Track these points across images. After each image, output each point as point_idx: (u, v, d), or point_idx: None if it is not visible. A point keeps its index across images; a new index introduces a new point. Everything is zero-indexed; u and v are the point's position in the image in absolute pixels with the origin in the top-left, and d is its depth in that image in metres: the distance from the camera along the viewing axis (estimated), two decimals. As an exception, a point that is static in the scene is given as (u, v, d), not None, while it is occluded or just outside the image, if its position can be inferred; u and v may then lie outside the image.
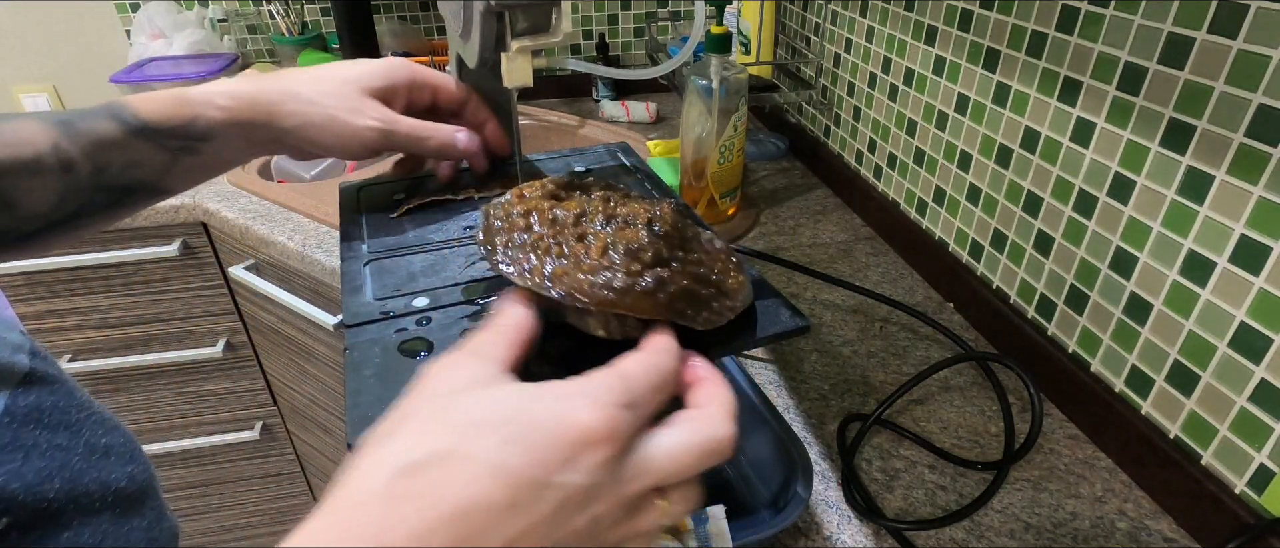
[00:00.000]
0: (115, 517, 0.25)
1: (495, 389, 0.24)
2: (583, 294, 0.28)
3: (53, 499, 0.23)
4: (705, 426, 0.25)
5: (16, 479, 0.22)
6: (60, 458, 0.24)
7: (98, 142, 0.41)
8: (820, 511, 0.52)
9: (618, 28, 1.43)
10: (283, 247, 0.89)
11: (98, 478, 0.25)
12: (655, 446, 0.24)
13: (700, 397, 0.27)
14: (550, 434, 0.22)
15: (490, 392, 0.24)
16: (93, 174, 0.41)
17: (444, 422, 0.23)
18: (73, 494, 0.24)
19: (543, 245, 0.31)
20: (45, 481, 0.23)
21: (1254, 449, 0.46)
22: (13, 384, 0.24)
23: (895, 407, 0.61)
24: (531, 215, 0.32)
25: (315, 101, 0.44)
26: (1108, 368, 0.58)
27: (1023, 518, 0.51)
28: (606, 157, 0.56)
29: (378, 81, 0.46)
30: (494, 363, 0.26)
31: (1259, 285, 0.45)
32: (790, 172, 1.08)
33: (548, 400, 0.23)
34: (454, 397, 0.24)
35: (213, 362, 1.16)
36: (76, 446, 0.25)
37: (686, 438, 0.25)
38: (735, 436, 0.25)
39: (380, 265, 0.41)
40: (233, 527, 1.40)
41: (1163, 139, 0.50)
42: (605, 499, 0.23)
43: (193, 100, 0.43)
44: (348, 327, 0.35)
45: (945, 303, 0.76)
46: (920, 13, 0.77)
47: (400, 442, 0.23)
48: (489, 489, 0.21)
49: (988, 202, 0.70)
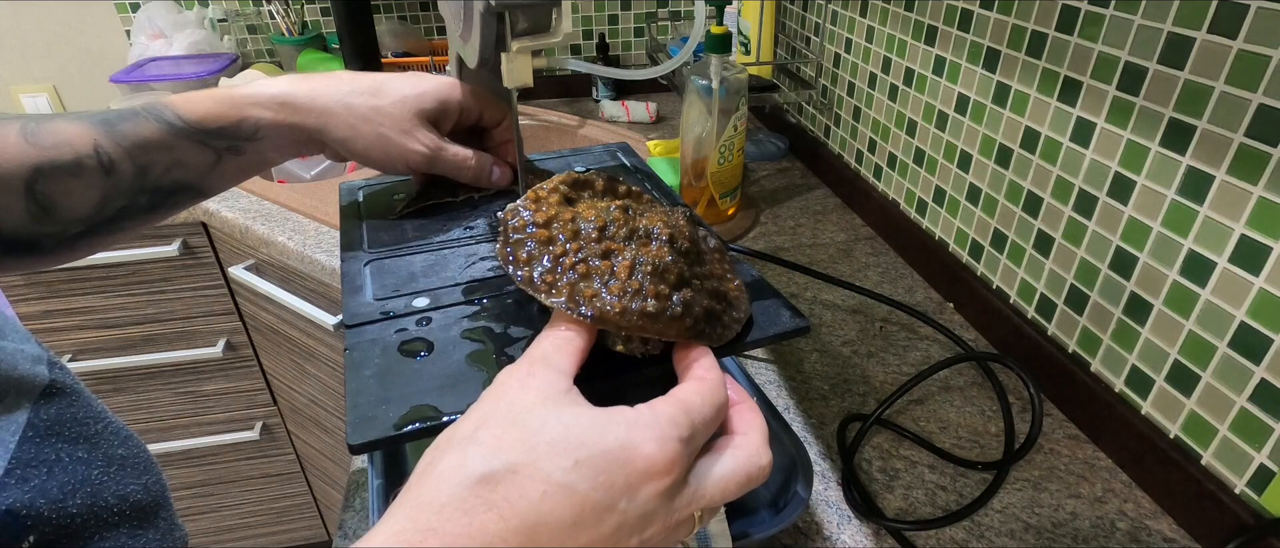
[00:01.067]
0: (132, 529, 0.25)
1: (569, 410, 0.25)
2: (617, 319, 0.29)
3: (76, 514, 0.23)
4: (749, 455, 0.27)
5: (42, 496, 0.22)
6: (81, 472, 0.24)
7: (140, 143, 0.41)
8: (820, 511, 0.52)
9: (618, 28, 1.43)
10: (283, 247, 0.89)
11: (116, 491, 0.25)
12: (706, 476, 0.26)
13: (740, 423, 0.29)
14: (617, 463, 0.24)
15: (563, 412, 0.25)
16: (135, 176, 0.41)
17: (520, 436, 0.24)
18: (93, 508, 0.24)
19: (568, 261, 0.31)
20: (68, 496, 0.23)
21: (1254, 449, 0.46)
22: (34, 397, 0.24)
23: (895, 407, 0.61)
24: (552, 225, 0.32)
25: (369, 119, 0.44)
26: (1108, 368, 0.58)
27: (1023, 518, 0.51)
28: (606, 157, 0.56)
29: (431, 104, 0.46)
30: (562, 375, 0.27)
31: (1259, 285, 0.45)
32: (790, 172, 1.08)
33: (617, 429, 0.25)
34: (530, 411, 0.25)
35: (213, 362, 1.16)
36: (96, 458, 0.25)
37: (733, 468, 0.27)
38: (772, 462, 0.28)
39: (380, 265, 0.41)
40: (233, 527, 1.40)
41: (1163, 139, 0.50)
42: (657, 524, 0.25)
43: (240, 101, 0.42)
44: (348, 327, 0.35)
45: (945, 303, 0.76)
46: (920, 13, 0.77)
47: (480, 449, 0.24)
48: (558, 507, 0.23)
49: (988, 202, 0.70)
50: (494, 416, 0.25)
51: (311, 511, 1.41)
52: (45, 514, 0.22)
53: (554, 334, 0.29)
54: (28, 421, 0.23)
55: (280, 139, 0.44)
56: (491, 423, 0.25)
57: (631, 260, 0.30)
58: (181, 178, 0.43)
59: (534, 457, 0.23)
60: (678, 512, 0.25)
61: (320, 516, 1.42)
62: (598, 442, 0.24)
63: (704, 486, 0.26)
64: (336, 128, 0.44)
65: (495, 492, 0.23)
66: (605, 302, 0.29)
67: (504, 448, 0.24)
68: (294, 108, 0.43)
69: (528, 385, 0.26)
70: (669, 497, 0.25)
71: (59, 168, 0.38)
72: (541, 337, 0.29)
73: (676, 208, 0.36)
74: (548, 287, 0.30)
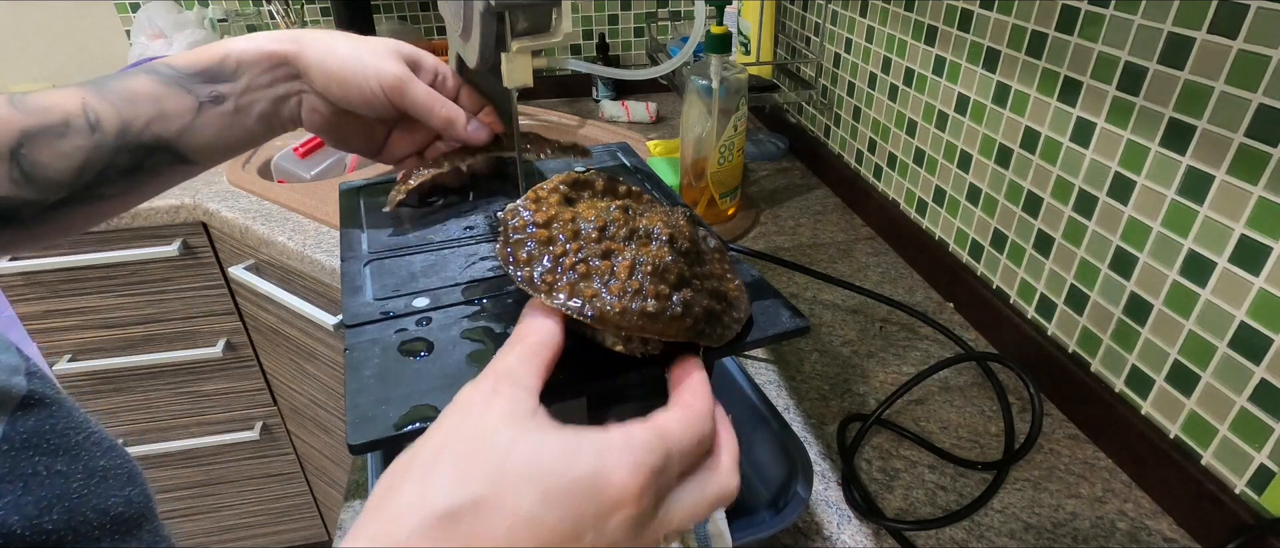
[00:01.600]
0: (114, 543, 0.24)
1: (535, 434, 0.24)
2: (617, 319, 0.29)
3: (52, 531, 0.22)
4: (719, 480, 0.27)
5: (16, 512, 0.21)
6: (60, 485, 0.23)
7: (128, 95, 0.41)
8: (820, 511, 0.52)
9: (618, 28, 1.43)
10: (283, 247, 0.89)
11: (97, 505, 0.24)
12: (676, 504, 0.25)
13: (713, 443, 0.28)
14: (586, 493, 0.23)
15: (530, 437, 0.24)
16: (118, 132, 0.41)
17: (485, 465, 0.23)
18: (72, 523, 0.23)
19: (568, 261, 0.31)
20: (44, 512, 0.22)
21: (1254, 449, 0.46)
22: (10, 408, 0.23)
23: (895, 407, 0.61)
24: (552, 225, 0.32)
25: (346, 40, 0.45)
26: (1108, 368, 0.58)
27: (1023, 518, 0.51)
28: (606, 157, 0.56)
29: (408, 51, 0.47)
30: (529, 393, 0.25)
31: (1259, 285, 0.45)
32: (790, 172, 1.08)
33: (587, 457, 0.23)
34: (495, 434, 0.24)
35: (213, 362, 1.16)
36: (76, 471, 0.24)
37: (702, 495, 0.26)
38: (739, 486, 0.27)
39: (380, 265, 0.41)
40: (233, 527, 1.40)
41: (1163, 139, 0.50)
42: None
43: (225, 42, 0.44)
44: (348, 327, 0.35)
45: (945, 303, 0.76)
46: (920, 13, 0.77)
47: (442, 481, 0.22)
48: (523, 541, 0.22)
49: (988, 202, 0.70)
50: (455, 440, 0.24)
51: (311, 511, 1.41)
52: (18, 531, 0.21)
53: (520, 346, 0.28)
54: (3, 434, 0.22)
55: (259, 74, 0.43)
56: (453, 449, 0.23)
57: (631, 260, 0.30)
58: (161, 132, 0.42)
59: (499, 489, 0.22)
60: (644, 539, 0.24)
61: (320, 516, 1.42)
62: (567, 471, 0.23)
63: (672, 513, 0.25)
64: (312, 47, 0.44)
65: (459, 526, 0.21)
66: (605, 302, 0.29)
67: (468, 479, 0.22)
68: (272, 37, 0.44)
69: (492, 405, 0.25)
70: (638, 526, 0.24)
71: (47, 131, 0.39)
72: (506, 348, 0.28)
73: (676, 208, 0.37)
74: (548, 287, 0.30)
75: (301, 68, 0.44)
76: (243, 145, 0.46)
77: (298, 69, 0.44)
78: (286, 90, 0.45)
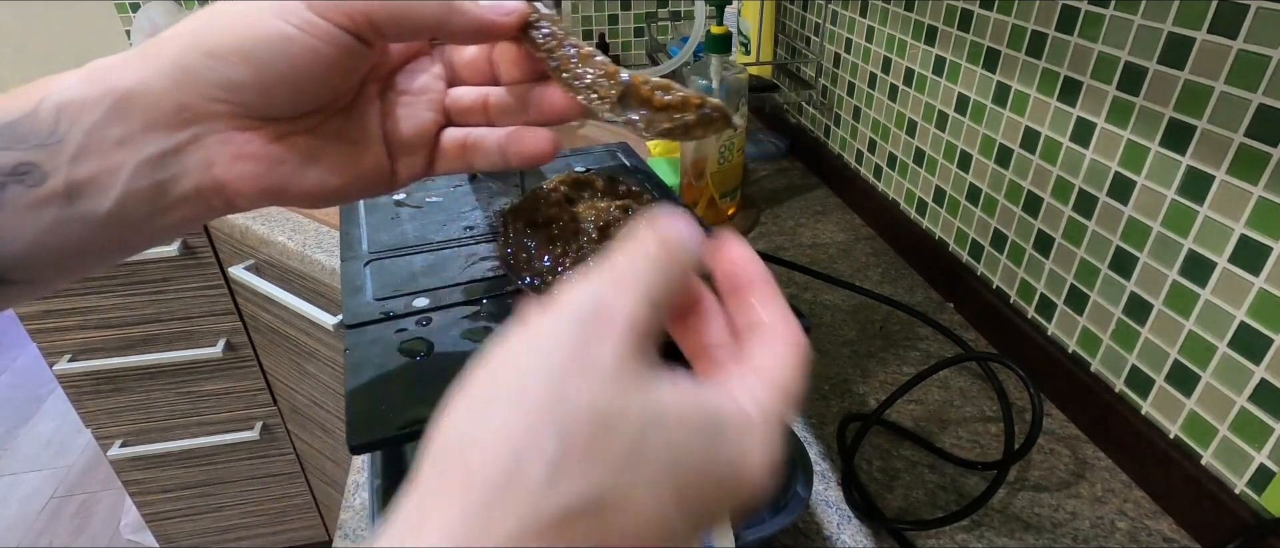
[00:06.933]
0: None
1: (669, 399, 0.18)
2: None
3: None
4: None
5: None
6: None
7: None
8: (820, 511, 0.52)
9: (618, 28, 1.43)
10: (283, 247, 0.89)
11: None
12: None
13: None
14: (723, 489, 0.18)
15: (664, 412, 0.18)
16: None
17: (608, 449, 0.16)
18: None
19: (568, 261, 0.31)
20: None
21: (1254, 449, 0.46)
22: None
23: (895, 407, 0.61)
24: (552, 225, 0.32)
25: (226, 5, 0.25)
26: (1108, 368, 0.58)
27: (1023, 518, 0.51)
28: (606, 157, 0.56)
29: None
30: (656, 347, 0.19)
31: (1259, 285, 0.45)
32: (790, 172, 1.08)
33: (729, 446, 0.18)
34: (618, 403, 0.17)
35: (213, 362, 1.16)
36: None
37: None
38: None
39: (380, 265, 0.41)
40: (233, 527, 1.40)
41: (1163, 139, 0.50)
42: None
43: (44, 81, 0.25)
44: (348, 327, 0.35)
45: (945, 303, 0.76)
46: (920, 13, 0.77)
47: (548, 471, 0.16)
48: (644, 541, 0.17)
49: (988, 202, 0.70)
50: (565, 404, 0.16)
51: (311, 511, 1.41)
52: None
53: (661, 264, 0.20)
54: None
55: (107, 124, 0.24)
56: (562, 419, 0.16)
57: None
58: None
59: (627, 483, 0.16)
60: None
61: (320, 516, 1.42)
62: (707, 465, 0.18)
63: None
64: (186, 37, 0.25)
65: (572, 530, 0.16)
66: None
67: (588, 468, 0.16)
68: (124, 57, 0.25)
69: (613, 354, 0.17)
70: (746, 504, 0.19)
71: None
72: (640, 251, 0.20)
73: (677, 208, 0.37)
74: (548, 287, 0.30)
75: (184, 77, 0.24)
76: (99, 255, 0.25)
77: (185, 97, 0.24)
78: (172, 142, 0.25)
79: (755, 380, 0.20)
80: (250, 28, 0.24)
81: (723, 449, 0.18)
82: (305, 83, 0.25)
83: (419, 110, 0.30)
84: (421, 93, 0.30)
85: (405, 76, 0.30)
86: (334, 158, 0.28)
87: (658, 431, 0.17)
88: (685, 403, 0.18)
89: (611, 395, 0.17)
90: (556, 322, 0.18)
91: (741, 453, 0.18)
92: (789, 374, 0.21)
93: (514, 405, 0.16)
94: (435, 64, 0.31)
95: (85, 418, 1.20)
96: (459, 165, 0.31)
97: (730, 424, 0.19)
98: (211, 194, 0.26)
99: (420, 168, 0.30)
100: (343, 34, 0.25)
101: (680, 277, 0.21)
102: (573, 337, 0.17)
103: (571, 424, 0.16)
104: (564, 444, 0.16)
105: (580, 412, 0.16)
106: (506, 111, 0.30)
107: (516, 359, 0.18)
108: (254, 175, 0.26)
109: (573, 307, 0.18)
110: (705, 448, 0.18)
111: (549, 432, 0.16)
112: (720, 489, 0.18)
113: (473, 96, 0.30)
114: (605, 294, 0.18)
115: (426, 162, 0.30)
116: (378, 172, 0.29)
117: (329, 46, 0.25)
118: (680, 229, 0.21)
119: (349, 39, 0.25)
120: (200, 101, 0.24)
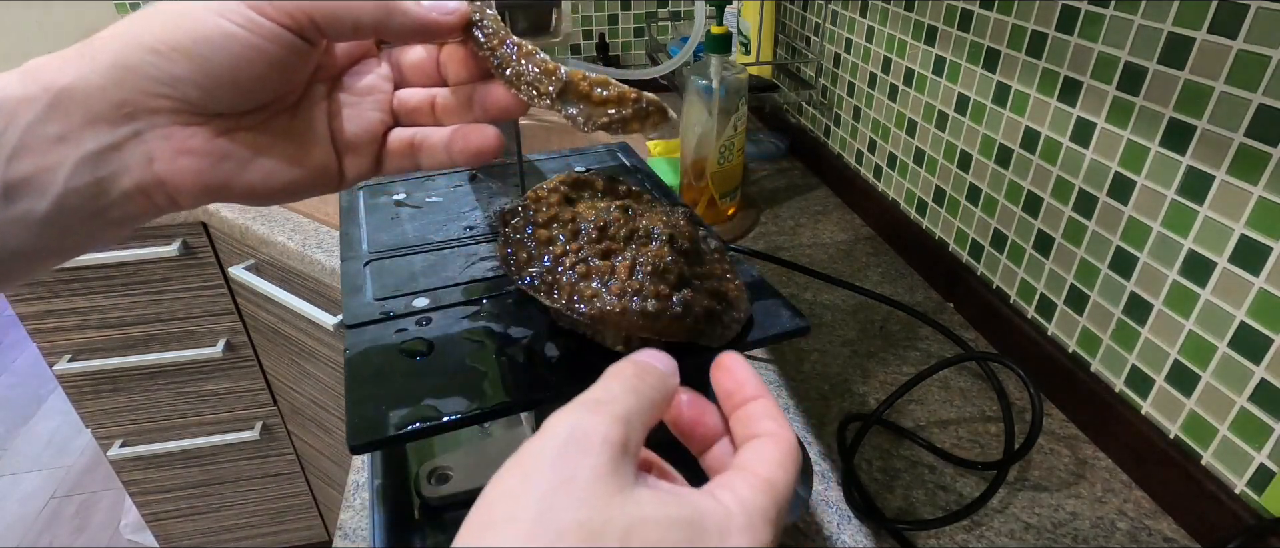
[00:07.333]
0: None
1: (649, 511, 0.19)
2: (617, 319, 0.29)
3: None
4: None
5: None
6: None
7: None
8: (820, 511, 0.52)
9: (618, 28, 1.43)
10: (283, 247, 0.89)
11: None
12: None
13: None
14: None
15: (643, 518, 0.19)
16: None
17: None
18: None
19: (568, 261, 0.31)
20: None
21: (1254, 449, 0.46)
22: None
23: (895, 407, 0.61)
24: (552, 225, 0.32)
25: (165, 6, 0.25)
26: (1108, 368, 0.58)
27: (1023, 518, 0.51)
28: (606, 157, 0.56)
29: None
30: (634, 460, 0.21)
31: (1259, 285, 0.45)
32: (790, 172, 1.08)
33: (712, 535, 0.20)
34: (602, 516, 0.18)
35: (213, 362, 1.16)
36: None
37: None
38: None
39: (380, 265, 0.41)
40: (233, 527, 1.40)
41: (1163, 139, 0.50)
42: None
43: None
44: (348, 327, 0.35)
45: (945, 303, 0.76)
46: (920, 13, 0.77)
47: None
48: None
49: (988, 202, 0.70)
50: (556, 526, 0.18)
51: (311, 511, 1.41)
52: None
53: (638, 392, 0.22)
54: None
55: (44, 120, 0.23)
56: (552, 542, 0.18)
57: (632, 260, 0.30)
58: None
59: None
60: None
61: (320, 516, 1.42)
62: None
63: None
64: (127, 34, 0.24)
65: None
66: (605, 302, 0.29)
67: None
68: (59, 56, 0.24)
69: (590, 477, 0.19)
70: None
71: None
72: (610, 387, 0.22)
73: (676, 208, 0.37)
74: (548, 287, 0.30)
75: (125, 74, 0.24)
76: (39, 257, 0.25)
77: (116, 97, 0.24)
78: (112, 138, 0.24)
79: (737, 478, 0.22)
80: (193, 25, 0.24)
81: (703, 544, 0.19)
82: (247, 80, 0.25)
83: (365, 111, 0.30)
84: (367, 93, 0.30)
85: (352, 77, 0.30)
86: (279, 154, 0.28)
87: (640, 534, 0.18)
88: (665, 507, 0.19)
89: (594, 507, 0.18)
90: (541, 447, 0.20)
91: (722, 544, 0.19)
92: (773, 469, 0.22)
93: (508, 528, 0.18)
94: (382, 65, 0.31)
95: (85, 418, 1.20)
96: (406, 164, 0.31)
97: (709, 521, 0.20)
98: (153, 190, 0.26)
99: (367, 167, 0.30)
100: (285, 32, 0.25)
101: (654, 395, 0.23)
102: (554, 459, 0.19)
103: (559, 539, 0.18)
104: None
105: (565, 526, 0.18)
106: (453, 111, 0.31)
107: (507, 486, 0.19)
108: (196, 171, 0.26)
109: (554, 433, 0.20)
110: (686, 546, 0.19)
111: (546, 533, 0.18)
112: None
113: (419, 98, 0.31)
114: (582, 419, 0.20)
115: (373, 161, 0.30)
116: (324, 170, 0.29)
117: (271, 44, 0.25)
118: (654, 356, 0.24)
119: (291, 37, 0.25)
120: (141, 97, 0.24)
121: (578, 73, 0.29)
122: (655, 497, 0.20)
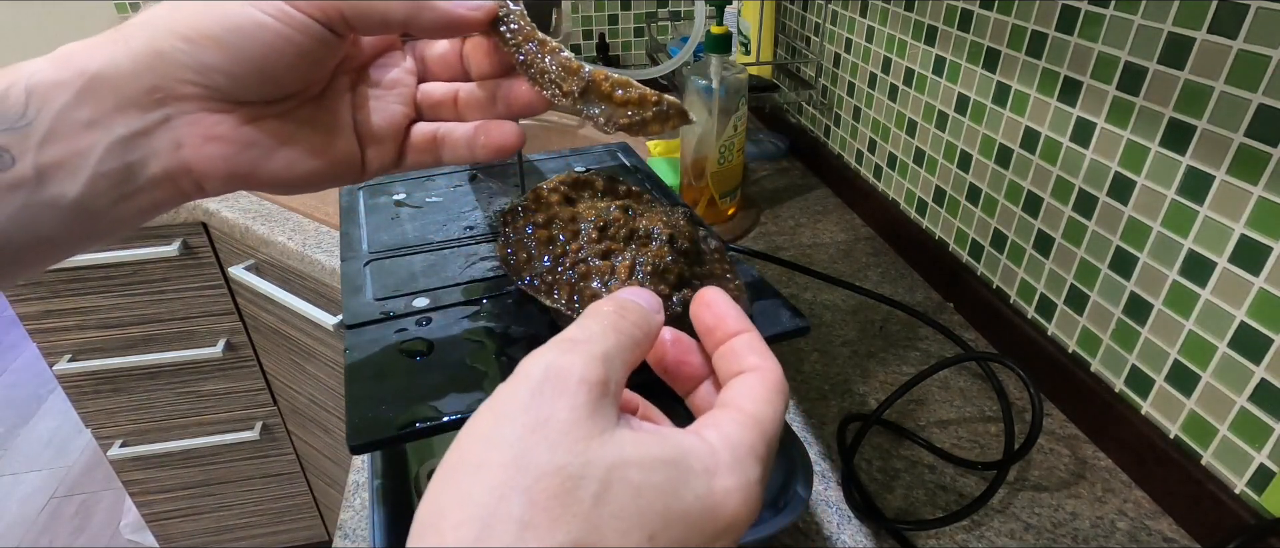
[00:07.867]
0: None
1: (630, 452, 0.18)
2: None
3: None
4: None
5: None
6: None
7: None
8: (820, 511, 0.52)
9: (618, 28, 1.43)
10: (283, 247, 0.89)
11: None
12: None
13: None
14: (695, 525, 0.18)
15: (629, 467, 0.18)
16: None
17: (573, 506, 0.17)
18: None
19: (568, 261, 0.31)
20: None
21: (1254, 449, 0.46)
22: None
23: (895, 407, 0.61)
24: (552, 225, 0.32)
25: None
26: (1108, 368, 0.58)
27: (1023, 518, 0.51)
28: (606, 157, 0.56)
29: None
30: (614, 402, 0.20)
31: (1259, 285, 0.45)
32: (790, 172, 1.08)
33: (697, 482, 0.19)
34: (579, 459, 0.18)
35: (213, 362, 1.16)
36: None
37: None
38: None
39: (380, 265, 0.41)
40: (233, 527, 1.40)
41: (1163, 139, 0.50)
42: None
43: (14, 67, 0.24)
44: (348, 327, 0.35)
45: (945, 303, 0.76)
46: (920, 13, 0.77)
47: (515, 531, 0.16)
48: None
49: (988, 202, 0.70)
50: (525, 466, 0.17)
51: (311, 511, 1.41)
52: None
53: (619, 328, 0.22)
54: None
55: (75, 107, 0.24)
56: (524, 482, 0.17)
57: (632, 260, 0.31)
58: None
59: (596, 529, 0.17)
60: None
61: (320, 516, 1.42)
62: (675, 505, 0.18)
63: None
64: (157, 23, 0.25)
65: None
66: None
67: (556, 524, 0.17)
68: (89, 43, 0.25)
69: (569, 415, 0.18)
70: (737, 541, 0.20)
71: None
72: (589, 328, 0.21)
73: (676, 208, 0.37)
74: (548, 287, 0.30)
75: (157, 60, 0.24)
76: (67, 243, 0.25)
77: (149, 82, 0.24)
78: (143, 123, 0.25)
79: (723, 415, 0.21)
80: (224, 14, 0.25)
81: (689, 485, 0.19)
82: (277, 70, 0.26)
83: (389, 103, 0.30)
84: (392, 86, 0.30)
85: (377, 69, 0.31)
86: (304, 143, 0.28)
87: (620, 477, 0.18)
88: (646, 447, 0.19)
89: (571, 450, 0.18)
90: (514, 390, 0.19)
91: (709, 486, 0.19)
92: (759, 405, 0.21)
93: (480, 472, 0.17)
94: (406, 59, 0.31)
95: (85, 418, 1.20)
96: (428, 158, 0.31)
97: (694, 459, 0.19)
98: (180, 176, 0.26)
99: (390, 159, 0.31)
100: (315, 25, 0.26)
101: (636, 333, 0.22)
102: (529, 401, 0.18)
103: (535, 483, 0.17)
104: (530, 504, 0.17)
105: (542, 470, 0.17)
106: (476, 106, 0.31)
107: (481, 429, 0.19)
108: (223, 157, 0.26)
109: (527, 374, 0.19)
110: (670, 486, 0.18)
111: (514, 494, 0.17)
112: (692, 525, 0.18)
113: (443, 91, 0.31)
114: (557, 358, 0.20)
115: (396, 153, 0.31)
116: (348, 160, 0.30)
117: (301, 36, 0.25)
118: (636, 293, 0.23)
119: (321, 30, 0.26)
120: (172, 84, 0.25)
121: (600, 73, 0.29)
122: (636, 438, 0.19)
